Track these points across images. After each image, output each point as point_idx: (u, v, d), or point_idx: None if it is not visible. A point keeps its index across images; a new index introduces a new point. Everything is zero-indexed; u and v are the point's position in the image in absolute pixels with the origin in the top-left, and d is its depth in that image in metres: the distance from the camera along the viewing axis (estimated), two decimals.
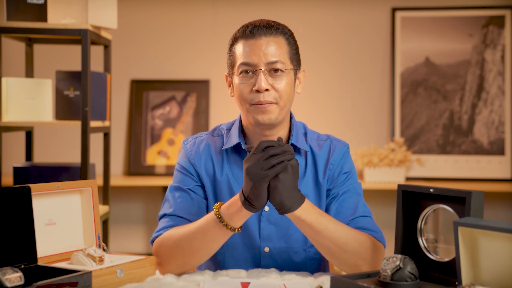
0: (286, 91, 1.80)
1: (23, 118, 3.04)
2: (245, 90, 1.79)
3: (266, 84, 1.77)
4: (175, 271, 1.75)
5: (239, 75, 1.80)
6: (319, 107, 4.56)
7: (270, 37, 1.80)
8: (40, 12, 3.00)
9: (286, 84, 1.80)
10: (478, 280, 1.37)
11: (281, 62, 1.79)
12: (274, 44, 1.80)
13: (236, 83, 1.82)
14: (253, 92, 1.78)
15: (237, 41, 1.83)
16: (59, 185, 1.72)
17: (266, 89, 1.77)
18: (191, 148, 1.92)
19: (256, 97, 1.78)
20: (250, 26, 1.81)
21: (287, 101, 1.81)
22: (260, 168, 1.59)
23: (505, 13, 4.43)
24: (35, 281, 1.38)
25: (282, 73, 1.79)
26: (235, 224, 1.68)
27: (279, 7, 4.58)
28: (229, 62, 1.86)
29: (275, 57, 1.78)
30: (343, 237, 1.71)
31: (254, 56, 1.78)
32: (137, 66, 4.64)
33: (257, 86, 1.77)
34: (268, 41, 1.79)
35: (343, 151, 1.92)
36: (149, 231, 4.63)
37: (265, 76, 1.78)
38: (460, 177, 4.43)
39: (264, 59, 1.78)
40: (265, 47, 1.78)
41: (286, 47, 1.82)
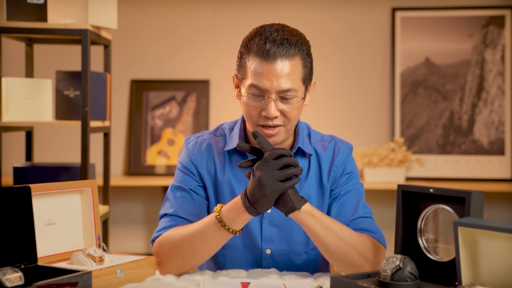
0: (295, 115, 1.75)
1: (23, 118, 3.04)
2: (253, 112, 1.73)
3: (276, 111, 1.71)
4: (175, 271, 1.75)
5: (248, 93, 1.74)
6: (319, 107, 4.56)
7: (286, 61, 1.70)
8: (40, 12, 3.00)
9: (296, 108, 1.74)
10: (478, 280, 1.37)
11: (293, 89, 1.71)
12: (289, 69, 1.70)
13: (244, 99, 1.75)
14: (261, 116, 1.73)
15: (250, 54, 1.73)
16: (59, 185, 1.71)
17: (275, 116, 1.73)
18: (193, 148, 1.91)
19: (263, 120, 1.73)
20: (268, 44, 1.69)
21: (294, 122, 1.77)
22: (275, 179, 1.59)
23: (505, 13, 4.43)
24: (35, 281, 1.38)
25: (292, 99, 1.73)
26: (236, 227, 1.68)
27: (279, 7, 4.58)
28: (239, 69, 1.77)
29: (288, 84, 1.70)
30: (348, 235, 1.72)
31: (267, 82, 1.70)
32: (137, 66, 4.64)
33: (266, 113, 1.71)
34: (283, 66, 1.70)
35: (347, 152, 1.91)
36: (149, 231, 4.63)
37: (276, 103, 1.72)
38: (460, 177, 4.42)
39: (277, 87, 1.70)
40: (280, 72, 1.69)
41: (300, 70, 1.73)
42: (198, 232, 1.71)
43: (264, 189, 1.60)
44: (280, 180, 1.60)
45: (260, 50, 1.70)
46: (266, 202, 1.62)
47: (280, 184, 1.60)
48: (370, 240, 1.77)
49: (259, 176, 1.60)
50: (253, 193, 1.62)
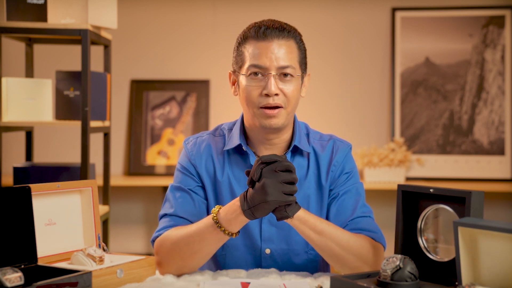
0: (294, 96, 1.79)
1: (23, 118, 3.04)
2: (254, 92, 1.77)
3: (276, 88, 1.75)
4: (175, 272, 1.75)
5: (248, 76, 1.78)
6: (319, 107, 4.56)
7: (282, 40, 1.77)
8: (40, 12, 3.00)
9: (295, 89, 1.78)
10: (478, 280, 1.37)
11: (291, 67, 1.77)
12: (286, 48, 1.77)
13: (243, 85, 1.79)
14: (262, 96, 1.76)
15: (247, 41, 1.79)
16: (59, 185, 1.71)
17: (276, 94, 1.75)
18: (192, 148, 1.91)
19: (264, 100, 1.76)
20: (263, 27, 1.78)
21: (294, 105, 1.80)
22: (281, 191, 1.59)
23: (505, 13, 4.43)
24: (35, 281, 1.38)
25: (291, 78, 1.77)
26: (232, 229, 1.68)
27: (279, 7, 4.58)
28: (236, 61, 1.83)
29: (286, 61, 1.76)
30: (344, 238, 1.72)
31: (266, 59, 1.75)
32: (137, 66, 4.64)
33: (267, 90, 1.74)
34: (280, 45, 1.77)
35: (345, 151, 1.91)
36: (149, 231, 4.63)
37: (276, 80, 1.76)
38: (460, 177, 4.43)
39: (276, 63, 1.75)
40: (277, 51, 1.76)
41: (296, 52, 1.80)
42: (196, 233, 1.72)
43: (267, 196, 1.59)
44: (285, 193, 1.60)
45: (256, 33, 1.77)
46: (264, 209, 1.62)
47: (284, 196, 1.60)
48: (369, 241, 1.76)
49: (264, 182, 1.60)
50: (254, 197, 1.61)
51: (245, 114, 1.86)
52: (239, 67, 1.81)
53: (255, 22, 1.82)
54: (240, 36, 1.83)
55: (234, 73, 1.85)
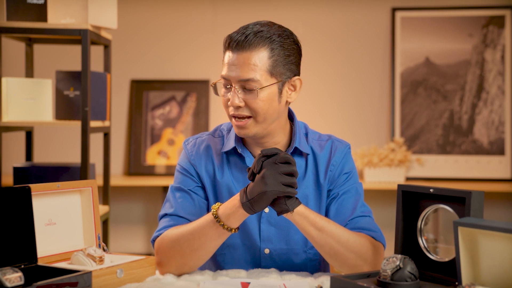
0: (261, 107, 1.76)
1: (23, 118, 3.04)
2: (224, 102, 1.80)
3: (239, 100, 1.76)
4: (175, 271, 1.74)
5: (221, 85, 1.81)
6: (319, 107, 4.56)
7: (247, 53, 1.74)
8: (40, 12, 3.00)
9: (261, 100, 1.75)
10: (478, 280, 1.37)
11: (253, 80, 1.74)
12: (252, 59, 1.74)
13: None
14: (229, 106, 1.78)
15: (224, 49, 1.81)
16: (59, 185, 1.71)
17: (239, 106, 1.76)
18: (191, 149, 1.92)
19: (232, 110, 1.78)
20: (235, 35, 1.77)
21: (265, 115, 1.77)
22: (279, 181, 1.60)
23: (505, 13, 4.43)
24: (35, 281, 1.38)
25: (254, 91, 1.75)
26: (231, 224, 1.68)
27: (279, 7, 4.58)
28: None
29: (248, 75, 1.74)
30: (345, 236, 1.72)
31: (230, 72, 1.76)
32: (137, 66, 4.64)
33: (230, 102, 1.77)
34: (244, 57, 1.74)
35: (344, 151, 1.91)
36: (149, 231, 4.63)
37: (236, 93, 1.76)
38: (460, 177, 4.43)
39: (236, 76, 1.75)
40: (241, 63, 1.74)
41: (266, 62, 1.75)
42: (196, 229, 1.72)
43: (265, 187, 1.60)
44: (284, 184, 1.61)
45: (227, 43, 1.78)
46: (263, 201, 1.62)
47: (282, 187, 1.61)
48: (369, 240, 1.77)
49: (263, 173, 1.61)
50: (253, 189, 1.62)
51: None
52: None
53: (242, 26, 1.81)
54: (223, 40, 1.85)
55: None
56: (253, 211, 1.65)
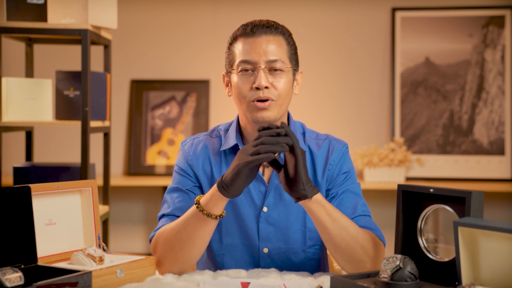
0: (285, 90, 1.80)
1: (23, 118, 3.04)
2: (245, 87, 1.79)
3: (266, 81, 1.77)
4: (170, 269, 1.74)
5: (239, 73, 1.80)
6: (319, 107, 4.56)
7: (270, 36, 1.80)
8: (40, 12, 3.00)
9: (285, 82, 1.80)
10: (478, 280, 1.37)
11: (281, 61, 1.79)
12: (274, 43, 1.80)
13: (234, 81, 1.82)
14: (252, 90, 1.78)
15: (236, 40, 1.83)
16: (59, 185, 1.72)
17: (266, 87, 1.77)
18: (189, 149, 1.93)
19: (255, 93, 1.78)
20: (250, 24, 1.82)
21: (285, 99, 1.81)
22: (247, 153, 1.60)
23: (505, 13, 4.43)
24: (35, 281, 1.38)
25: (281, 72, 1.80)
26: (212, 210, 1.68)
27: (279, 7, 4.58)
28: (228, 61, 1.86)
29: (275, 55, 1.79)
30: (355, 229, 1.72)
31: (254, 54, 1.78)
32: (137, 66, 4.64)
33: (257, 83, 1.77)
34: (268, 40, 1.80)
35: (342, 151, 1.91)
36: (149, 231, 4.63)
37: (265, 74, 1.78)
38: (460, 177, 4.43)
39: (264, 57, 1.78)
40: (265, 45, 1.79)
41: (285, 47, 1.82)
42: (182, 221, 1.73)
43: (235, 161, 1.62)
44: (251, 154, 1.60)
45: (245, 31, 1.81)
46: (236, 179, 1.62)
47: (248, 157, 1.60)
48: (372, 236, 1.78)
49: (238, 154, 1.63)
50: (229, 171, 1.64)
51: (239, 111, 1.87)
52: (230, 66, 1.84)
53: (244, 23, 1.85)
54: (230, 37, 1.87)
55: (227, 74, 1.88)
56: (228, 192, 1.64)
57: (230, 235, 1.87)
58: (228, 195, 1.65)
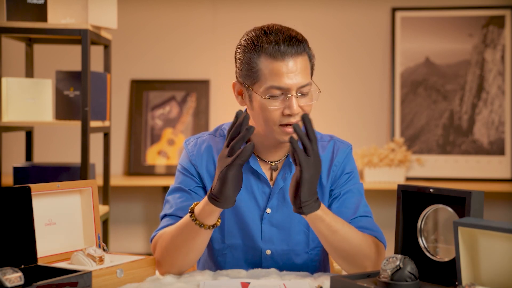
0: (310, 110, 1.78)
1: (23, 118, 3.04)
2: (276, 113, 1.74)
3: (298, 108, 1.74)
4: (170, 270, 1.74)
5: (266, 97, 1.74)
6: (319, 107, 4.56)
7: (298, 58, 1.74)
8: (40, 12, 3.00)
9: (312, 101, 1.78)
10: (478, 280, 1.37)
11: (309, 84, 1.76)
12: (303, 65, 1.75)
13: (260, 103, 1.75)
14: (283, 115, 1.74)
15: (260, 56, 1.74)
16: (59, 185, 1.71)
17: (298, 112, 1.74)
18: (192, 149, 1.91)
19: (286, 119, 1.74)
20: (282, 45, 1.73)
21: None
22: (224, 157, 1.58)
23: (505, 13, 4.43)
24: (35, 281, 1.38)
25: (309, 94, 1.77)
26: (203, 220, 1.66)
27: (279, 7, 4.58)
28: (248, 74, 1.76)
29: (305, 79, 1.74)
30: (356, 240, 1.71)
31: (288, 80, 1.72)
32: (137, 66, 4.64)
33: (291, 111, 1.72)
34: (297, 63, 1.73)
35: (346, 152, 1.91)
36: (149, 231, 4.63)
37: (297, 99, 1.74)
38: (460, 177, 4.43)
39: (297, 83, 1.73)
40: (295, 69, 1.73)
41: (309, 64, 1.78)
42: (179, 227, 1.72)
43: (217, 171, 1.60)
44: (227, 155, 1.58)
45: (273, 51, 1.72)
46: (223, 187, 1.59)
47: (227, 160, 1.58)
48: (373, 240, 1.78)
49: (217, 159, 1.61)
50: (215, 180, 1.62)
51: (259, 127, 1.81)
52: (252, 83, 1.76)
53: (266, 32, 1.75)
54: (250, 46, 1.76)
55: (242, 85, 1.80)
56: (219, 203, 1.62)
57: (232, 236, 1.86)
58: (221, 206, 1.63)
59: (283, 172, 1.85)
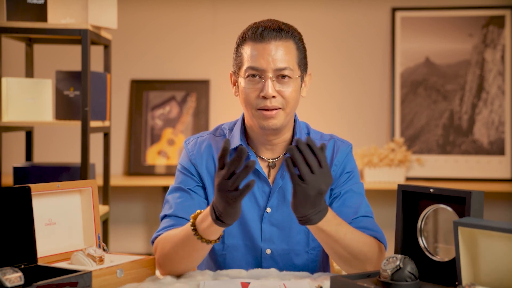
0: (293, 98, 1.78)
1: (23, 118, 3.04)
2: (252, 94, 1.77)
3: (273, 91, 1.74)
4: (170, 273, 1.74)
5: (246, 78, 1.77)
6: (319, 107, 4.56)
7: (280, 42, 1.76)
8: (40, 12, 3.00)
9: (293, 90, 1.78)
10: (478, 280, 1.37)
11: (289, 69, 1.76)
12: (284, 49, 1.76)
13: (242, 86, 1.79)
14: (259, 98, 1.76)
15: (245, 42, 1.79)
16: (59, 185, 1.71)
17: (273, 96, 1.75)
18: (192, 148, 1.91)
19: (262, 102, 1.76)
20: (260, 28, 1.77)
21: (292, 106, 1.80)
22: (228, 189, 1.48)
23: (505, 13, 4.43)
24: (35, 281, 1.38)
25: (289, 80, 1.77)
26: (209, 237, 1.63)
27: (279, 7, 4.58)
28: (236, 62, 1.83)
29: (283, 63, 1.75)
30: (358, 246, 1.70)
31: (263, 61, 1.75)
32: (137, 66, 4.64)
33: (264, 93, 1.74)
34: (278, 46, 1.76)
35: (346, 151, 1.91)
36: (149, 231, 4.63)
37: (273, 83, 1.75)
38: (460, 177, 4.42)
39: (273, 65, 1.75)
40: (274, 52, 1.75)
41: (295, 52, 1.79)
42: (181, 239, 1.68)
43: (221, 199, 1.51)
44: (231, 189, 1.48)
45: (254, 35, 1.77)
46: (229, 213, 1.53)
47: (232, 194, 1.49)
48: (375, 242, 1.77)
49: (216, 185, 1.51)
50: (216, 202, 1.54)
51: (245, 114, 1.85)
52: (238, 69, 1.81)
53: (254, 23, 1.81)
54: (239, 37, 1.83)
55: (234, 74, 1.85)
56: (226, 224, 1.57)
57: (232, 236, 1.86)
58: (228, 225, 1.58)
59: (282, 170, 1.85)
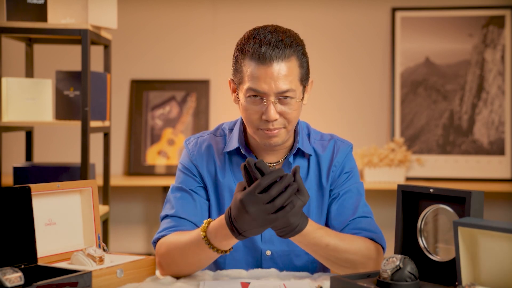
0: (295, 117, 1.75)
1: (23, 118, 3.04)
2: (253, 116, 1.73)
3: (275, 114, 1.71)
4: (173, 275, 1.73)
5: (247, 97, 1.73)
6: (319, 107, 4.56)
7: (282, 62, 1.69)
8: (40, 12, 3.00)
9: (295, 110, 1.74)
10: (478, 280, 1.37)
11: (291, 90, 1.71)
12: (286, 70, 1.69)
13: (243, 103, 1.75)
14: (261, 120, 1.72)
15: (245, 57, 1.72)
16: (59, 185, 1.71)
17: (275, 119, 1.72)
18: (193, 148, 1.90)
19: (264, 124, 1.72)
20: (263, 47, 1.68)
21: (295, 123, 1.77)
22: (266, 213, 1.48)
23: (505, 13, 4.43)
24: (35, 281, 1.38)
25: (291, 100, 1.72)
26: (224, 247, 1.62)
27: (279, 7, 4.58)
28: (235, 74, 1.77)
29: (286, 85, 1.70)
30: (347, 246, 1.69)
31: (265, 85, 1.69)
32: (137, 66, 4.64)
33: (266, 117, 1.70)
34: (280, 67, 1.69)
35: (346, 151, 1.90)
36: (149, 231, 4.63)
37: (275, 105, 1.71)
38: (460, 177, 4.43)
39: (275, 89, 1.69)
40: (277, 75, 1.69)
41: (297, 70, 1.73)
42: (190, 247, 1.67)
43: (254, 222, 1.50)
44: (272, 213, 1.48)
45: (255, 54, 1.69)
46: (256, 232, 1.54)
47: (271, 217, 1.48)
48: (372, 244, 1.75)
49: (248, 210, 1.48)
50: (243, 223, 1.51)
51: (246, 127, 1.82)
52: (238, 83, 1.76)
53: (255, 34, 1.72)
54: (239, 47, 1.75)
55: (233, 82, 1.80)
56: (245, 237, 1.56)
57: None
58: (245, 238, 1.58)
59: None
